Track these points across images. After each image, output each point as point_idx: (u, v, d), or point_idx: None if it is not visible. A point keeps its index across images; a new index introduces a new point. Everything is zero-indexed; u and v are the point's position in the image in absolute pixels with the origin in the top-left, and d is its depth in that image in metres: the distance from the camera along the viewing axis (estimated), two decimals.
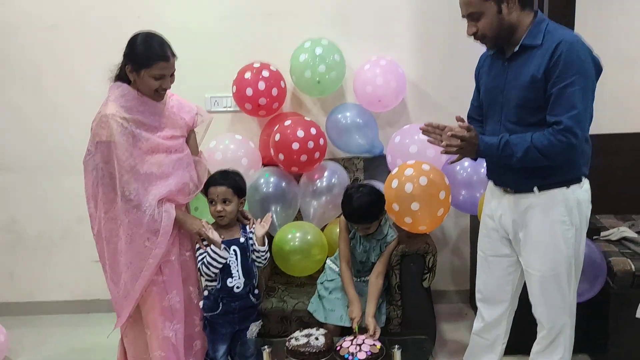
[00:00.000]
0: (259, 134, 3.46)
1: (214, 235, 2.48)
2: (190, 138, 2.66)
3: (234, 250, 2.55)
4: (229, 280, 2.52)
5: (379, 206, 2.61)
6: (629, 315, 2.64)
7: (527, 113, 2.10)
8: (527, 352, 2.43)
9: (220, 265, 2.50)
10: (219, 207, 2.53)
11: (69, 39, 3.47)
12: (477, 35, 2.12)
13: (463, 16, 2.14)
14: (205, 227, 2.49)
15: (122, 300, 2.50)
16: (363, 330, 2.51)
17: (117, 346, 2.72)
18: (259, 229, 2.61)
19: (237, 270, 2.53)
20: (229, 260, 2.53)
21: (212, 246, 2.48)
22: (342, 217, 2.72)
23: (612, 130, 3.26)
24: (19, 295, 3.79)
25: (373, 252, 2.69)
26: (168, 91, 2.51)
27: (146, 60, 2.36)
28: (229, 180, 2.55)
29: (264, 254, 2.62)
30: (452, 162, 2.25)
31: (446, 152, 2.15)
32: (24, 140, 3.62)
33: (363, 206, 2.56)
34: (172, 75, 2.44)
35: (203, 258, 2.50)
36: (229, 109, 3.50)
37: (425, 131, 2.19)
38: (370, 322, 2.52)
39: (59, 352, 3.30)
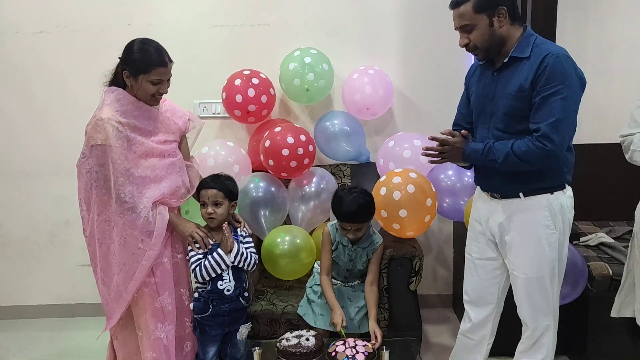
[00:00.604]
0: (247, 140, 3.51)
1: (207, 238, 2.53)
2: (182, 143, 2.69)
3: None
4: (220, 283, 2.54)
5: (372, 207, 2.67)
6: (606, 318, 2.75)
7: (514, 121, 2.20)
8: (512, 354, 2.50)
9: (220, 271, 2.52)
10: (210, 210, 2.56)
11: (57, 45, 3.49)
12: (469, 47, 2.21)
13: (456, 28, 2.22)
14: (198, 230, 2.53)
15: (114, 302, 2.52)
16: (350, 334, 2.57)
17: (103, 349, 2.72)
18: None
19: (228, 273, 2.55)
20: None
21: (219, 250, 2.51)
22: (325, 229, 2.77)
23: (590, 140, 3.37)
24: (4, 299, 3.77)
25: (360, 260, 2.73)
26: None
27: (144, 66, 2.40)
28: (220, 184, 2.58)
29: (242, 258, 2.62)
30: (433, 162, 2.32)
31: (426, 155, 2.25)
32: (11, 144, 3.62)
33: (359, 206, 2.60)
34: (169, 80, 2.48)
35: (199, 261, 2.52)
36: (217, 115, 3.54)
37: (426, 154, 2.28)
38: (372, 328, 2.58)
39: (45, 356, 3.29)
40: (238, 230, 2.66)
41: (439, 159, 2.27)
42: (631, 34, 3.44)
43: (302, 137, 3.04)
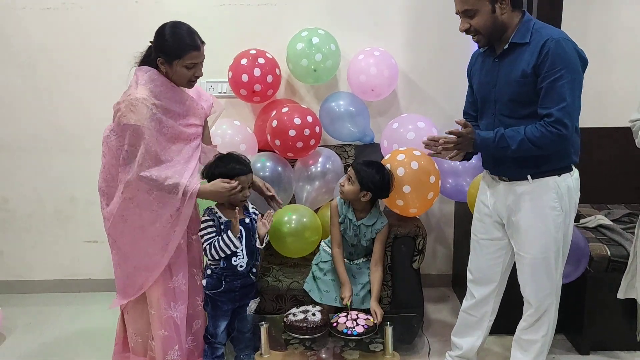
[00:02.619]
0: (252, 120, 3.55)
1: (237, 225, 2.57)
2: (205, 126, 2.70)
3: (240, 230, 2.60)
4: (234, 259, 2.58)
5: (373, 179, 2.72)
6: (604, 298, 2.83)
7: (519, 106, 2.24)
8: (511, 331, 2.58)
9: (230, 252, 2.56)
10: (248, 192, 2.62)
11: (65, 21, 3.49)
12: (470, 31, 2.25)
13: (457, 12, 2.24)
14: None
15: (126, 280, 2.54)
16: (353, 309, 2.63)
17: (110, 323, 2.77)
18: (261, 227, 2.67)
19: (242, 250, 2.60)
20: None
21: (229, 233, 2.55)
22: (333, 202, 2.84)
23: (590, 124, 3.42)
24: (9, 274, 3.82)
25: (364, 237, 2.79)
26: None
27: (178, 51, 2.39)
28: (249, 167, 2.64)
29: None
30: (452, 158, 2.35)
31: (444, 149, 2.28)
32: (16, 119, 3.64)
33: (373, 167, 2.72)
34: (202, 62, 2.47)
35: (212, 240, 2.55)
36: (223, 94, 3.56)
37: (427, 145, 2.32)
38: (372, 308, 2.65)
39: (51, 330, 3.34)
40: (250, 208, 2.71)
41: (453, 151, 2.29)
42: (634, 19, 3.48)
43: (309, 118, 3.07)
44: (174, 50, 2.39)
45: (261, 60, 3.27)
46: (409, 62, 3.53)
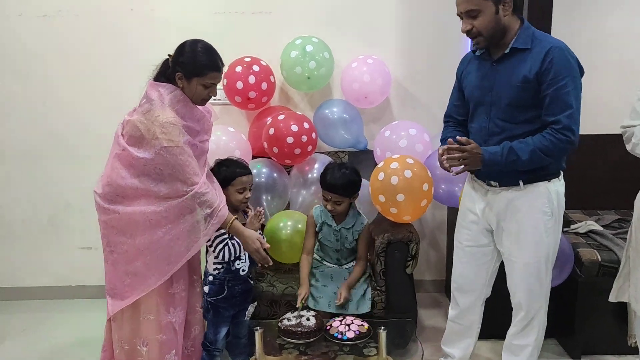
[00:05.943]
0: (247, 126, 3.57)
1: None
2: None
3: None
4: (237, 262, 2.61)
5: (355, 184, 2.77)
6: (594, 303, 2.86)
7: (518, 111, 2.26)
8: (500, 336, 2.61)
9: (240, 252, 2.60)
10: (249, 194, 2.67)
11: (61, 28, 3.52)
12: (472, 33, 2.24)
13: (459, 14, 2.24)
14: (263, 246, 2.53)
15: (129, 287, 2.50)
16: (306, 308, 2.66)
17: (100, 331, 2.72)
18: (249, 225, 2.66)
19: (245, 254, 2.62)
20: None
21: (234, 239, 2.58)
22: (310, 212, 2.88)
23: (580, 131, 3.45)
24: (3, 281, 3.82)
25: (346, 240, 2.83)
26: None
27: (199, 69, 2.38)
28: (248, 169, 2.69)
29: None
30: (458, 173, 2.34)
31: (450, 166, 2.27)
32: (12, 126, 3.65)
33: (342, 176, 2.72)
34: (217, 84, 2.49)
35: (225, 241, 2.56)
36: (218, 102, 3.58)
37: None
38: (341, 289, 2.73)
39: (45, 337, 3.34)
40: (249, 213, 2.72)
41: (461, 166, 2.27)
42: (621, 28, 3.53)
43: (305, 125, 3.11)
44: (196, 68, 2.38)
45: (256, 68, 3.30)
46: (402, 70, 3.57)
